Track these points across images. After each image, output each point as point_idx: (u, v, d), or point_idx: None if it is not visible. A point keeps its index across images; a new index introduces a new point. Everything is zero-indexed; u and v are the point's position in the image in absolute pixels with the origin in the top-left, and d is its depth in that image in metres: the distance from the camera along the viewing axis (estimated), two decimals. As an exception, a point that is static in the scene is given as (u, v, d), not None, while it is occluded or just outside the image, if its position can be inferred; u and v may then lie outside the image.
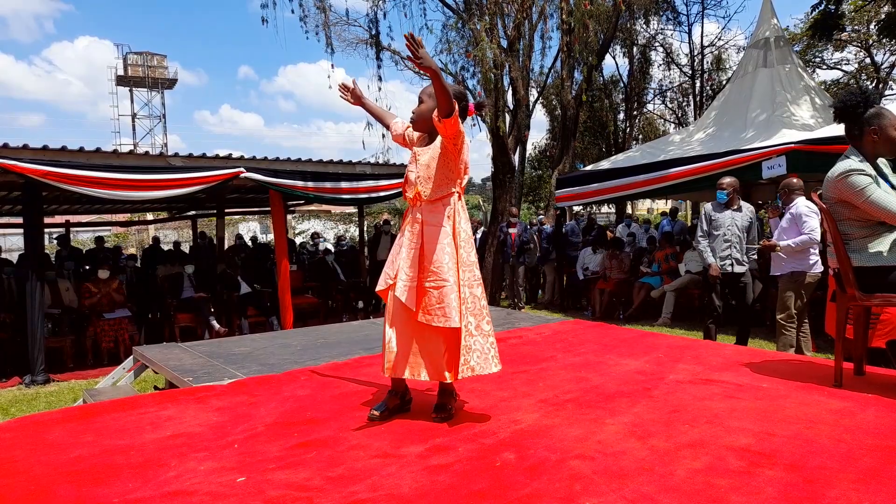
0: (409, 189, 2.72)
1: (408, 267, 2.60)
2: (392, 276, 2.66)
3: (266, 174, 7.57)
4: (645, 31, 21.31)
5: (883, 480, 1.87)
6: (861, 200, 2.79)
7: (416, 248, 2.62)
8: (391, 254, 2.76)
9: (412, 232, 2.65)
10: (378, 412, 2.66)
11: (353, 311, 10.04)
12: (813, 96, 9.11)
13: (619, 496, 1.84)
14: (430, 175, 2.65)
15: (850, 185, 2.81)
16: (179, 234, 24.60)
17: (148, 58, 40.13)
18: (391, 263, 2.71)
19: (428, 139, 2.77)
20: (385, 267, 2.75)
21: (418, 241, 2.62)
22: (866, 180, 2.78)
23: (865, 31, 17.20)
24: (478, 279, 2.66)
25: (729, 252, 5.41)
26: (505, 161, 11.31)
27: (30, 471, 2.21)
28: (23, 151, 6.38)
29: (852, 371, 3.19)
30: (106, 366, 6.91)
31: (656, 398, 2.85)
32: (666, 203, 26.40)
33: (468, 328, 2.55)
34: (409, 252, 2.62)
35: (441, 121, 2.49)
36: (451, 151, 2.60)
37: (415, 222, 2.66)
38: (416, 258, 2.61)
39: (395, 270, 2.66)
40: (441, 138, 2.62)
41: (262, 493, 1.96)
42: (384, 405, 2.71)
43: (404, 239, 2.68)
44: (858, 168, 2.81)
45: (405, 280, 2.59)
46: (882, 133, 2.85)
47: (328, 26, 11.12)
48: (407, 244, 2.64)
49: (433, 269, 2.56)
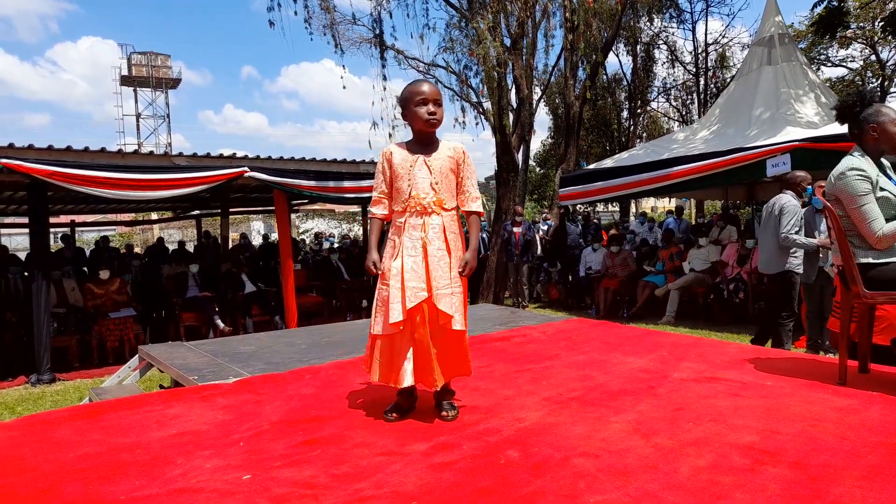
0: (423, 194, 2.63)
1: (440, 276, 2.58)
2: (425, 288, 2.55)
3: (270, 173, 7.59)
4: (649, 28, 21.31)
5: (887, 477, 1.87)
6: (851, 206, 2.80)
7: (447, 258, 2.61)
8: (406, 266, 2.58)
9: (437, 240, 2.61)
10: (396, 414, 2.66)
11: (357, 310, 10.05)
12: (818, 94, 9.09)
13: (623, 494, 1.84)
14: (448, 183, 2.68)
15: (846, 187, 2.81)
16: (184, 233, 24.68)
17: (152, 58, 40.23)
18: (416, 277, 2.56)
19: (429, 146, 2.72)
20: (406, 282, 2.55)
21: (444, 248, 2.62)
22: (865, 187, 2.77)
23: (870, 27, 17.13)
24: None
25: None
26: (509, 160, 11.31)
27: (37, 468, 2.22)
28: (28, 151, 6.42)
29: (857, 369, 3.18)
30: (111, 365, 6.94)
31: (660, 396, 2.86)
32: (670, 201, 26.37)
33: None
34: (439, 262, 2.59)
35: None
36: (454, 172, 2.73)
37: (434, 229, 2.62)
38: (448, 266, 2.61)
39: (424, 282, 2.56)
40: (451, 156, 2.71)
41: (268, 490, 1.97)
42: (399, 406, 2.69)
43: (430, 247, 2.59)
44: (859, 168, 2.80)
45: (441, 288, 2.56)
46: (882, 130, 2.85)
47: (334, 26, 11.15)
48: (436, 252, 2.59)
49: (454, 275, 2.61)
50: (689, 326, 7.78)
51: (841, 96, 3.19)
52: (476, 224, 2.77)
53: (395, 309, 2.54)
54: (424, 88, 2.68)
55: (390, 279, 2.59)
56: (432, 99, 2.66)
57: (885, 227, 2.74)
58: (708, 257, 8.71)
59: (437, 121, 2.68)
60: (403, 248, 2.61)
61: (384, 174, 2.74)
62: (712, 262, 8.64)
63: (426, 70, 11.54)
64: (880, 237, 2.75)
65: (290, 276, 7.93)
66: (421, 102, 2.65)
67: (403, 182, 2.66)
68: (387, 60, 11.57)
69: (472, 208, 2.75)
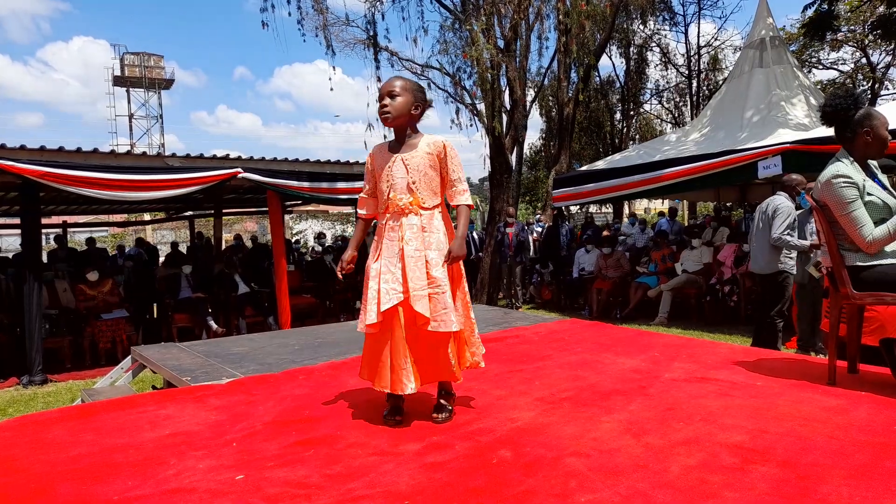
0: (400, 195, 2.59)
1: (416, 277, 2.53)
2: (401, 291, 2.52)
3: (263, 174, 7.58)
4: (642, 31, 21.38)
5: (874, 476, 1.90)
6: (841, 213, 2.83)
7: (423, 258, 2.55)
8: (382, 268, 2.57)
9: (414, 240, 2.56)
10: (399, 416, 2.63)
11: (350, 310, 10.05)
12: (808, 96, 9.15)
13: (614, 492, 1.86)
14: (427, 181, 2.61)
15: (835, 195, 2.83)
16: (177, 234, 24.57)
17: (145, 58, 40.05)
18: (393, 278, 2.53)
19: (405, 143, 2.66)
20: (382, 284, 2.53)
21: (423, 248, 2.56)
22: (852, 194, 2.79)
23: (861, 31, 17.26)
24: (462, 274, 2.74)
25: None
26: (502, 161, 11.33)
27: (30, 469, 2.22)
28: (20, 152, 6.40)
29: (846, 369, 3.22)
30: (103, 366, 6.91)
31: (651, 396, 2.88)
32: (662, 203, 26.48)
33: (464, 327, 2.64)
34: (415, 262, 2.54)
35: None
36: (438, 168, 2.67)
37: (412, 230, 2.57)
38: (425, 267, 2.55)
39: (401, 284, 2.52)
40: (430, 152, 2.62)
41: (261, 490, 1.98)
42: (396, 408, 2.66)
43: (407, 248, 2.55)
44: (846, 175, 2.81)
45: (417, 289, 2.51)
46: (874, 134, 2.87)
47: (326, 28, 11.14)
48: (413, 253, 2.54)
49: (434, 276, 2.53)
50: (682, 327, 7.82)
51: (830, 98, 3.17)
52: (464, 213, 2.67)
53: (371, 310, 2.54)
54: (380, 85, 2.68)
55: (370, 280, 2.60)
56: (385, 92, 2.60)
57: (875, 232, 2.77)
58: (700, 259, 8.76)
59: (390, 113, 2.58)
60: (383, 249, 2.61)
61: (369, 174, 2.76)
62: (705, 264, 8.69)
63: (420, 72, 11.54)
64: (870, 242, 2.77)
65: (284, 277, 7.92)
66: (378, 99, 2.63)
67: (383, 183, 2.65)
68: (380, 62, 11.57)
69: (459, 201, 2.67)
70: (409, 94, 2.61)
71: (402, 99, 2.59)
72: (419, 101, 2.65)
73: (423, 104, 2.67)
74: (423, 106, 2.67)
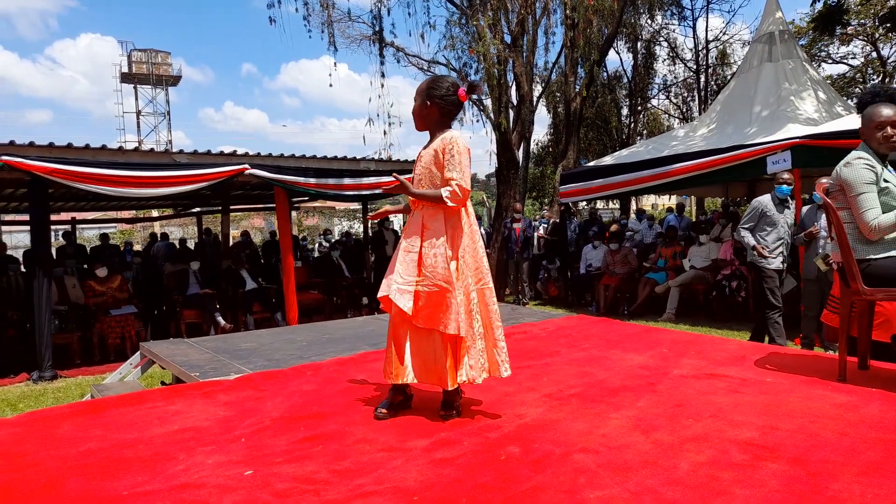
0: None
1: (404, 271, 2.55)
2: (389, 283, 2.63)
3: (270, 171, 7.60)
4: (649, 25, 21.26)
5: (886, 474, 1.88)
6: (852, 193, 2.82)
7: (416, 253, 2.57)
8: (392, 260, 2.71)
9: (413, 235, 2.60)
10: (385, 410, 2.66)
11: (357, 307, 10.07)
12: (818, 91, 9.07)
13: (623, 489, 1.85)
14: (430, 179, 2.61)
15: (851, 173, 2.83)
16: (185, 230, 24.68)
17: (152, 55, 40.12)
18: (390, 270, 2.66)
19: (429, 141, 2.71)
20: (386, 274, 2.67)
21: (418, 244, 2.58)
22: (869, 176, 2.79)
23: (872, 24, 17.09)
24: (485, 284, 2.62)
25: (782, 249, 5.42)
26: (509, 157, 11.31)
27: (40, 464, 2.23)
28: (29, 149, 6.43)
29: (856, 365, 3.19)
30: (112, 362, 6.95)
31: (660, 392, 2.86)
32: (670, 199, 26.36)
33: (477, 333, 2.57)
34: (406, 256, 2.58)
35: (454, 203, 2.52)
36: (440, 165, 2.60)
37: (415, 225, 2.62)
38: (416, 262, 2.55)
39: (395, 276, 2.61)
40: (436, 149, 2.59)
41: (270, 485, 1.98)
42: (389, 403, 2.70)
43: (404, 242, 2.63)
44: (867, 158, 2.83)
45: (400, 283, 2.53)
46: (866, 131, 2.89)
47: (331, 23, 11.14)
48: (407, 247, 2.59)
49: (427, 273, 2.52)
50: (690, 323, 7.79)
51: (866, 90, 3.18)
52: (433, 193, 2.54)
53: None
54: None
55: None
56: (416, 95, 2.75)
57: (881, 218, 2.75)
58: (709, 254, 8.72)
59: (413, 113, 2.74)
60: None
61: None
62: (713, 260, 8.65)
63: (427, 67, 11.55)
64: (875, 227, 2.76)
65: (291, 273, 7.94)
66: None
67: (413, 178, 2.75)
68: (386, 58, 11.57)
69: (441, 192, 2.53)
70: (420, 97, 2.70)
71: (416, 103, 2.73)
72: (429, 98, 2.66)
73: (433, 100, 2.64)
74: (433, 101, 2.64)
